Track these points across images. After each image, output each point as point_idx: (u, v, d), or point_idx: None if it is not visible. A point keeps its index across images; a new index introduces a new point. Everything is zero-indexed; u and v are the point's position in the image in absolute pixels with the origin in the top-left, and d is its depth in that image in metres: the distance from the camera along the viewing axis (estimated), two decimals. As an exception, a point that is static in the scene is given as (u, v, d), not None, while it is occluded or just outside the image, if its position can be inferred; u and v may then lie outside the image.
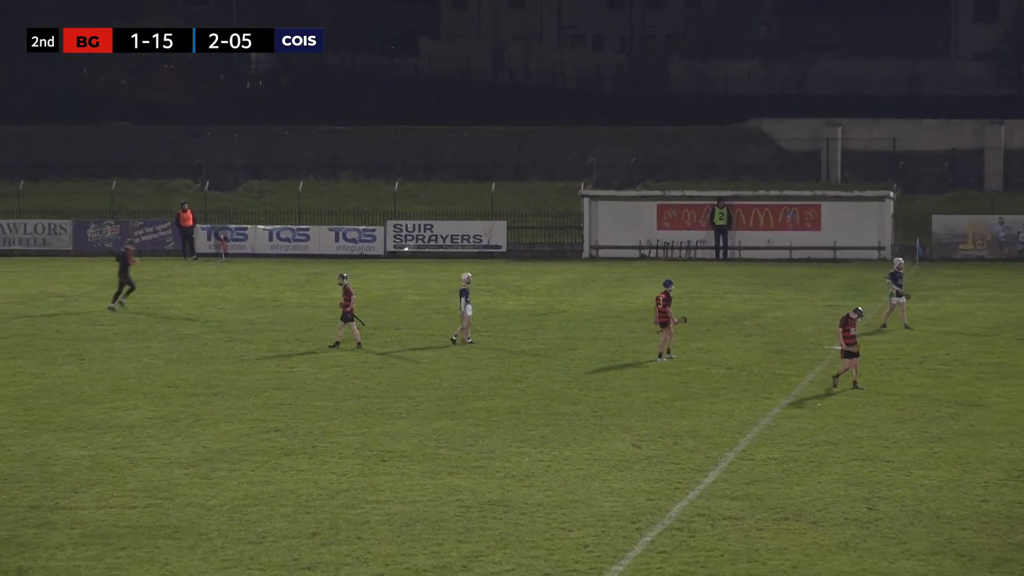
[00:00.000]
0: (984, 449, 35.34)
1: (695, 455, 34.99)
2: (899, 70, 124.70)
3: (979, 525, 29.72)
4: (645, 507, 30.90)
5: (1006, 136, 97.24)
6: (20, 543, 28.81)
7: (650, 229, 73.60)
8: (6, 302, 59.52)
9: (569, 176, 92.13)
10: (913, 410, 39.35)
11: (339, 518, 30.30)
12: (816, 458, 34.61)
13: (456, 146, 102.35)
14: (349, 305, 48.55)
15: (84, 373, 44.95)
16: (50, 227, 76.78)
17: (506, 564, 27.55)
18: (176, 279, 66.47)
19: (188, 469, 33.97)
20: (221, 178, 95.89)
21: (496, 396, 41.35)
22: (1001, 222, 73.15)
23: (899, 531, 29.33)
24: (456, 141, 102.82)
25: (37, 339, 51.00)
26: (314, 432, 37.32)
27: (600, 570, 27.18)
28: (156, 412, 39.57)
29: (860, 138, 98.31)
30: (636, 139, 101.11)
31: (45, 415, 39.29)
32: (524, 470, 33.79)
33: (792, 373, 44.33)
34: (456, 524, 29.87)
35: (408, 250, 71.68)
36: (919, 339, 49.70)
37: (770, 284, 63.33)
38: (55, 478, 33.33)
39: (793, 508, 30.81)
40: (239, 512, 30.74)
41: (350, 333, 48.71)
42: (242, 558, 27.93)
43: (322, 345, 48.85)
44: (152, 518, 30.39)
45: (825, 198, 75.71)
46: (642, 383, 43.08)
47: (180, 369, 45.51)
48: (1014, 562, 27.55)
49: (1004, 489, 32.13)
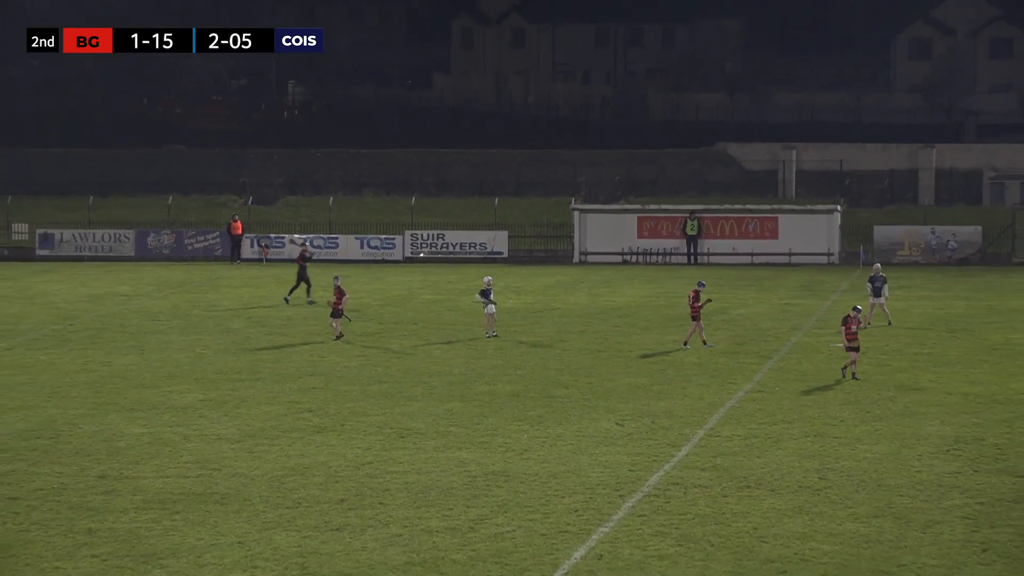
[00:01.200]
0: (918, 427, 35.42)
1: (670, 432, 35.08)
2: (845, 101, 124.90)
3: (914, 492, 29.80)
4: (627, 477, 30.99)
5: (936, 158, 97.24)
6: (90, 508, 28.90)
7: (631, 238, 73.57)
8: (78, 301, 59.59)
9: (562, 192, 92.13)
10: (857, 393, 39.42)
11: (364, 486, 30.39)
12: (774, 435, 34.70)
13: (464, 166, 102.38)
14: (340, 303, 48.44)
15: (144, 361, 45.05)
16: (115, 236, 76.76)
17: (507, 526, 27.64)
18: (224, 281, 66.50)
19: (234, 444, 34.07)
20: (262, 194, 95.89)
21: (499, 381, 41.43)
22: (933, 232, 73.14)
23: (845, 497, 29.41)
24: (464, 162, 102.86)
25: (104, 332, 51.08)
26: (342, 412, 37.42)
27: (588, 531, 27.26)
28: (206, 395, 39.67)
29: (812, 159, 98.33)
30: (619, 160, 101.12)
31: (111, 398, 39.41)
32: (523, 445, 33.88)
33: (753, 362, 44.41)
34: (464, 491, 29.96)
35: (423, 256, 71.62)
36: (862, 333, 49.59)
37: (735, 285, 63.35)
38: (119, 452, 33.43)
39: (754, 478, 30.89)
40: (278, 481, 30.83)
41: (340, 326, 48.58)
42: (280, 520, 28.03)
43: (350, 337, 48.88)
44: (203, 486, 30.48)
45: (782, 211, 75.72)
46: (624, 370, 43.16)
47: (227, 358, 45.59)
48: (944, 523, 27.64)
49: (935, 461, 32.21)
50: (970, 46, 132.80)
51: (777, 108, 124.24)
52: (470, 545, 26.50)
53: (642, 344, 47.83)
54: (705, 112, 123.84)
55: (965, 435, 34.54)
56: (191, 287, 63.80)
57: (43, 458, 32.85)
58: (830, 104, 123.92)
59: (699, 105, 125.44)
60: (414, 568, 25.30)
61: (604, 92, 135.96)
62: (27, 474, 31.50)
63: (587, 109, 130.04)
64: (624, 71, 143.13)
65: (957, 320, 52.28)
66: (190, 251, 75.83)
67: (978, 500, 29.20)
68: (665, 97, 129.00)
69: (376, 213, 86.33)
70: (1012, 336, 48.95)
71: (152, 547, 26.45)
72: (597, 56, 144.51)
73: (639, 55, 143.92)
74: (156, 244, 76.28)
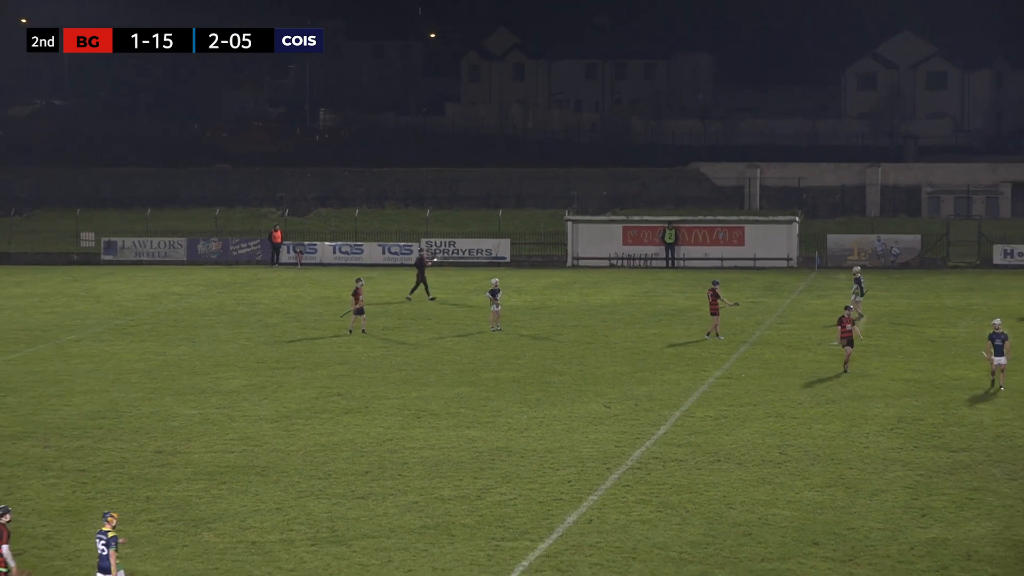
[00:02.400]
0: (866, 409, 35.39)
1: (650, 413, 35.05)
2: (802, 126, 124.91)
3: (862, 465, 29.78)
4: (613, 452, 30.97)
5: (882, 176, 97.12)
6: (147, 479, 28.90)
7: (617, 245, 73.42)
8: (137, 299, 59.58)
9: (556, 205, 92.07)
10: (813, 379, 39.38)
11: (385, 460, 30.37)
12: (740, 415, 34.67)
13: (472, 183, 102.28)
14: (358, 303, 48.18)
15: (195, 352, 45.04)
16: (169, 243, 76.69)
17: (509, 494, 27.63)
18: (264, 282, 66.47)
19: (272, 423, 34.05)
20: (297, 207, 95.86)
21: (502, 369, 41.40)
22: (878, 239, 73.00)
23: (803, 470, 29.39)
24: (472, 179, 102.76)
25: (160, 327, 51.07)
26: (366, 396, 37.40)
27: (580, 499, 27.25)
28: (249, 381, 39.66)
29: (773, 177, 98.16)
30: (606, 178, 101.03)
31: (166, 383, 39.40)
32: (523, 424, 33.85)
33: (723, 353, 44.35)
34: (472, 465, 29.95)
35: (437, 260, 71.54)
36: (817, 326, 49.64)
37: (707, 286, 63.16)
38: (173, 430, 33.42)
39: (723, 453, 30.87)
40: (310, 456, 30.82)
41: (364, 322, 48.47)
42: (312, 490, 28.02)
43: (375, 331, 48.82)
44: (245, 460, 30.47)
45: (747, 222, 75.58)
46: (611, 359, 43.12)
47: (266, 349, 45.57)
48: (888, 492, 27.63)
49: (880, 438, 32.19)
50: (910, 79, 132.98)
51: (743, 132, 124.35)
52: (477, 511, 26.48)
53: (626, 337, 47.79)
54: (680, 136, 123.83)
55: (906, 416, 34.51)
56: (236, 287, 63.77)
57: (107, 435, 32.85)
58: (789, 129, 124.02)
59: (675, 130, 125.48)
60: (429, 531, 25.29)
61: (593, 119, 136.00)
62: (93, 449, 31.50)
63: (578, 133, 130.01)
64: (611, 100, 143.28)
65: (899, 316, 52.24)
66: (235, 256, 75.74)
67: (917, 472, 29.18)
68: (646, 123, 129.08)
69: (396, 223, 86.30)
70: (947, 330, 48.90)
71: (201, 513, 26.45)
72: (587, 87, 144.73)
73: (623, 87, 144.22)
74: (205, 250, 76.21)
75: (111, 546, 21.38)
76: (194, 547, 24.33)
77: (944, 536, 24.90)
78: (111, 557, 21.36)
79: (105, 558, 21.41)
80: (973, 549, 24.21)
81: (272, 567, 23.43)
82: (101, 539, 21.51)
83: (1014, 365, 38.92)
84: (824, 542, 24.55)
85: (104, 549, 21.44)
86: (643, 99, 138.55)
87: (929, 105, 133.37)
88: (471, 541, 24.69)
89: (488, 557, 23.87)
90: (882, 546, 24.37)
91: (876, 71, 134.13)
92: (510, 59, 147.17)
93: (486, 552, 24.12)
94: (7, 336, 48.52)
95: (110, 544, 21.38)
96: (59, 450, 31.42)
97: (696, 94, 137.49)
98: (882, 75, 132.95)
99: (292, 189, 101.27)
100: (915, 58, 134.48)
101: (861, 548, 24.27)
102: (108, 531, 21.50)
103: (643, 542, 24.56)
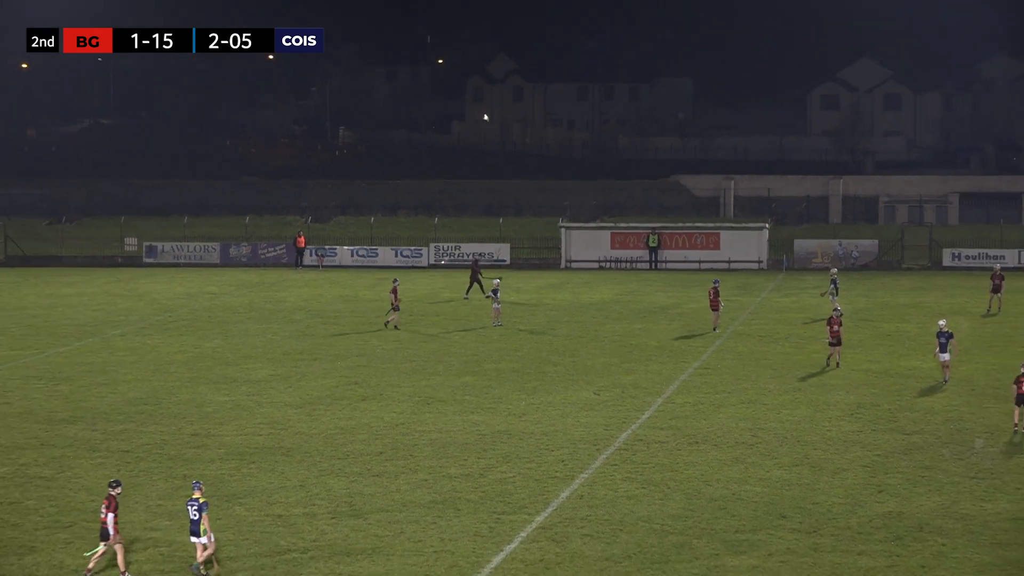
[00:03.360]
0: (829, 396, 35.41)
1: (636, 400, 35.06)
2: (772, 143, 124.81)
3: (826, 446, 29.80)
4: (602, 435, 30.99)
5: (843, 187, 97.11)
6: (184, 458, 28.92)
7: (606, 249, 73.41)
8: (175, 297, 59.58)
9: (551, 213, 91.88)
10: (781, 370, 39.39)
11: (397, 442, 30.39)
12: (716, 402, 34.69)
13: (476, 194, 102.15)
14: (395, 300, 48.18)
15: (227, 345, 45.03)
16: (204, 248, 76.66)
17: (509, 472, 27.65)
18: (289, 282, 66.46)
19: (297, 409, 34.06)
20: (319, 215, 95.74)
21: (503, 360, 41.40)
22: (840, 244, 73.00)
23: (772, 450, 29.41)
24: (476, 190, 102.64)
25: (196, 322, 51.07)
26: (381, 384, 37.40)
27: (572, 477, 27.27)
28: (275, 371, 39.66)
29: (746, 188, 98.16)
30: (596, 189, 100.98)
31: (201, 373, 39.41)
32: (521, 410, 33.86)
33: (701, 346, 44.36)
34: (476, 446, 29.96)
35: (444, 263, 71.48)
36: (785, 321, 49.67)
37: (686, 286, 63.31)
38: (208, 415, 33.44)
39: (701, 435, 30.88)
40: (331, 438, 30.84)
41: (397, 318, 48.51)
42: (333, 468, 28.03)
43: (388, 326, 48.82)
44: (272, 442, 30.49)
45: (722, 228, 75.54)
46: (600, 351, 43.13)
47: (291, 342, 45.57)
48: (848, 471, 27.65)
49: (842, 422, 32.20)
50: (868, 100, 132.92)
51: (718, 148, 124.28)
52: (480, 487, 26.49)
53: (614, 331, 47.79)
54: (662, 151, 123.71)
55: (865, 402, 34.53)
56: (263, 287, 63.78)
57: (148, 420, 32.86)
58: (760, 145, 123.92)
59: (658, 146, 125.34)
60: (436, 505, 25.30)
61: (584, 136, 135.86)
62: (136, 432, 31.52)
63: (571, 149, 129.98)
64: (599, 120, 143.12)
65: (859, 313, 52.23)
66: (262, 259, 75.72)
67: (875, 452, 29.20)
68: (631, 140, 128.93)
69: (407, 230, 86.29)
70: (902, 326, 48.90)
71: (233, 489, 26.46)
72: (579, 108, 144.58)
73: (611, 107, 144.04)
74: (236, 254, 76.17)
75: (203, 510, 21.65)
76: (226, 520, 24.35)
77: (899, 510, 24.92)
78: (204, 521, 21.63)
79: (196, 522, 21.68)
80: (924, 521, 24.24)
81: (296, 537, 23.45)
82: (193, 505, 21.75)
83: (962, 357, 38.94)
84: (791, 515, 24.57)
85: (196, 514, 21.69)
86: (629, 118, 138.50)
87: (885, 124, 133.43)
88: (475, 515, 24.71)
89: (490, 529, 23.89)
90: (843, 519, 24.40)
91: (838, 93, 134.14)
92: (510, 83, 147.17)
93: (488, 524, 24.14)
94: (59, 331, 48.54)
95: (202, 509, 21.66)
96: (105, 433, 31.43)
97: (676, 114, 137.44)
98: (843, 97, 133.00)
99: (314, 199, 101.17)
100: (873, 82, 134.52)
101: (824, 521, 24.29)
102: (199, 498, 21.78)
103: (629, 515, 24.58)
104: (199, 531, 21.64)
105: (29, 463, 28.65)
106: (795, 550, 22.69)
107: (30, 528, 24.12)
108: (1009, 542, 23.14)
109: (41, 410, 34.03)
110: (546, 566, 22.01)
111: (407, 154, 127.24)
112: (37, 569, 22.03)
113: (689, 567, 21.90)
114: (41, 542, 23.34)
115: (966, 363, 39.29)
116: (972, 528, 23.85)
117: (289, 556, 22.54)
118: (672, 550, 22.70)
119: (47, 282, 66.03)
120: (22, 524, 24.38)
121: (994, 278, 51.67)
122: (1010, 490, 26.18)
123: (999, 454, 29.05)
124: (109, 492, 21.94)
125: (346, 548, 22.89)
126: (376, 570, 21.87)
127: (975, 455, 28.87)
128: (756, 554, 22.47)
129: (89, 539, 23.28)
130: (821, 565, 21.98)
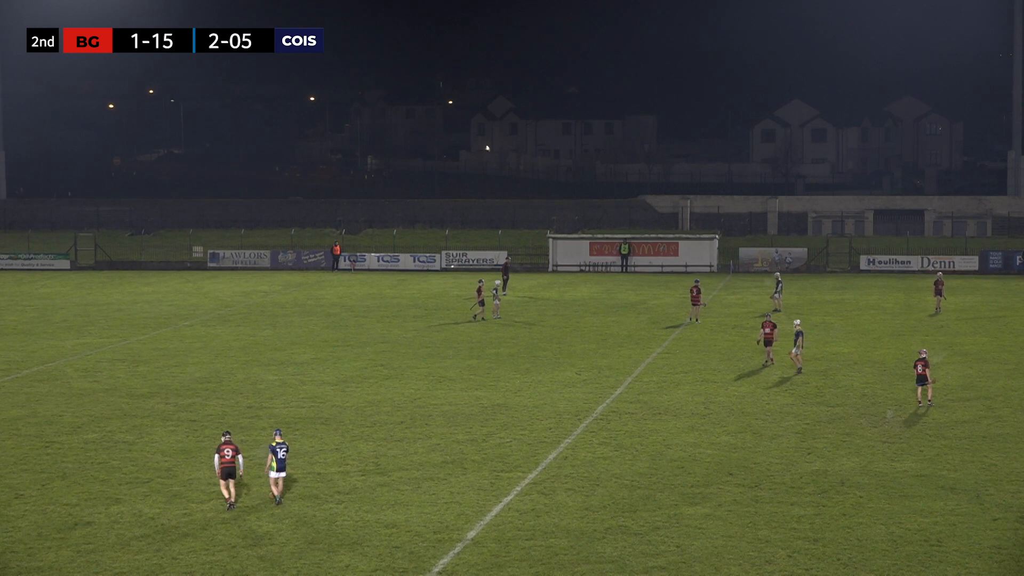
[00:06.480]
0: (767, 375, 35.33)
1: (610, 379, 35.01)
2: (721, 168, 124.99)
3: (766, 416, 29.77)
4: (583, 407, 30.95)
5: (779, 205, 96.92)
6: (241, 427, 28.85)
7: (585, 255, 73.05)
8: (233, 295, 59.41)
9: (541, 226, 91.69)
10: (729, 354, 39.32)
11: (415, 413, 30.34)
12: (676, 380, 34.63)
13: (480, 211, 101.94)
14: (480, 296, 47.59)
15: (276, 334, 44.93)
16: (257, 254, 76.35)
17: (507, 438, 27.60)
18: (326, 283, 66.31)
19: (333, 387, 33.99)
20: (351, 227, 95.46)
21: (501, 346, 41.32)
22: (776, 251, 72.76)
23: (721, 420, 29.38)
24: (480, 209, 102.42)
25: (250, 315, 50.93)
26: (402, 366, 37.32)
27: (558, 441, 27.22)
28: (315, 355, 39.57)
29: (700, 206, 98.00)
30: (577, 207, 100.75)
31: (254, 356, 39.31)
32: (516, 387, 33.81)
33: (663, 335, 44.29)
34: (479, 416, 29.92)
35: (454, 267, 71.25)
36: (733, 315, 49.55)
37: (652, 285, 63.20)
38: (259, 391, 33.36)
39: (663, 408, 30.84)
40: (361, 410, 30.77)
41: (479, 311, 47.55)
42: (362, 434, 27.98)
43: (407, 319, 48.60)
44: (312, 413, 30.42)
45: (680, 238, 75.25)
46: (581, 339, 43.05)
47: (329, 331, 45.47)
48: (783, 437, 27.62)
49: (778, 397, 32.16)
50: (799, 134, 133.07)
51: (677, 173, 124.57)
52: (483, 450, 26.46)
53: (592, 323, 47.70)
54: (632, 176, 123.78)
55: (796, 380, 34.44)
56: (306, 287, 63.63)
57: (211, 395, 32.79)
58: (711, 171, 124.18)
59: (628, 171, 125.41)
60: (447, 465, 25.27)
61: (568, 163, 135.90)
62: (201, 405, 31.45)
63: (557, 174, 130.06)
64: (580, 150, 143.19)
65: (791, 308, 52.16)
66: (305, 264, 75.45)
67: (804, 422, 29.17)
68: (606, 166, 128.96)
69: (423, 240, 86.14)
70: (827, 318, 48.83)
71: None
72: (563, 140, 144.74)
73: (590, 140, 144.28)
74: (283, 259, 75.88)
75: (287, 450, 22.40)
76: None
77: (824, 468, 24.91)
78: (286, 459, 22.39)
79: (283, 461, 22.23)
80: (846, 478, 24.23)
81: (332, 491, 23.40)
82: (282, 447, 22.26)
83: (876, 343, 38.84)
84: (737, 473, 24.55)
85: (285, 454, 22.26)
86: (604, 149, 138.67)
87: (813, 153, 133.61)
88: (478, 472, 24.68)
89: (491, 484, 23.86)
90: (779, 476, 24.38)
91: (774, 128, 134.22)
92: (507, 119, 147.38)
93: (489, 480, 24.11)
94: (139, 322, 48.44)
95: (287, 449, 22.42)
96: (176, 406, 31.37)
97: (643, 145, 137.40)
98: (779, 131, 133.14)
99: (347, 214, 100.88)
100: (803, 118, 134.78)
101: (763, 477, 24.27)
102: (281, 441, 22.37)
103: (604, 473, 24.56)
104: (284, 467, 22.27)
105: (114, 430, 28.60)
106: (740, 501, 22.68)
107: (115, 483, 24.07)
108: (915, 495, 23.15)
109: (124, 387, 33.96)
110: (536, 514, 22.00)
111: (423, 178, 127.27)
112: (121, 516, 22.00)
113: (653, 515, 21.89)
114: (124, 495, 23.30)
115: (879, 348, 39.24)
116: (884, 483, 23.85)
117: (327, 507, 22.50)
118: (640, 501, 22.69)
119: (129, 282, 65.89)
120: (109, 480, 24.33)
121: (936, 283, 49.08)
122: (915, 452, 26.19)
123: (905, 423, 29.06)
124: (226, 440, 22.22)
125: (373, 499, 22.86)
126: (398, 518, 21.85)
127: (886, 424, 28.88)
128: (708, 504, 22.46)
129: (164, 493, 23.23)
130: (761, 514, 21.98)
